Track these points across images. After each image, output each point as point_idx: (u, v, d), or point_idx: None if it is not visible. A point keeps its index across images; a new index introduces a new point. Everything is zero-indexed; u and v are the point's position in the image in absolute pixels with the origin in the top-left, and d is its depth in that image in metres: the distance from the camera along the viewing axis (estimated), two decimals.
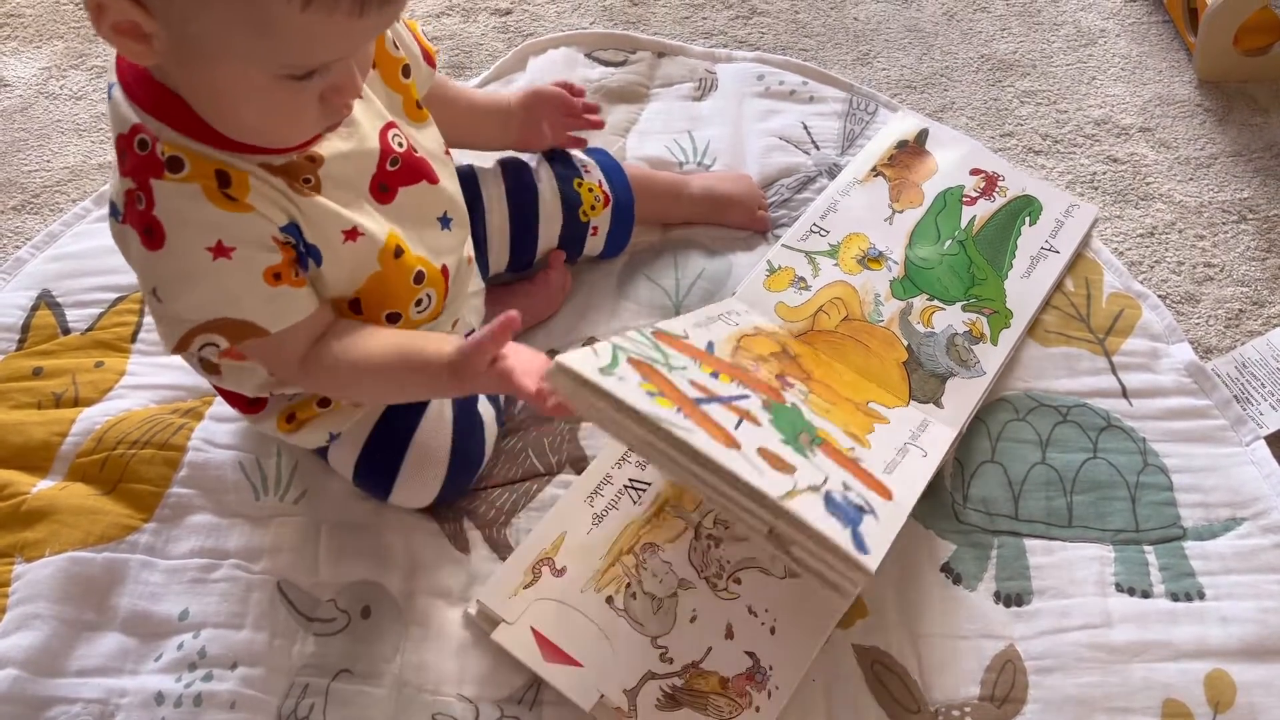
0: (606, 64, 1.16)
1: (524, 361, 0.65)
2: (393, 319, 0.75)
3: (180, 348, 0.66)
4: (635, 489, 0.84)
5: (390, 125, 0.72)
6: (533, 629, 0.77)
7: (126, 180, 0.62)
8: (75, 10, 1.26)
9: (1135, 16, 1.24)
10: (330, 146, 0.67)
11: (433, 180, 0.75)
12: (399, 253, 0.72)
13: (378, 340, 0.71)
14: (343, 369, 0.69)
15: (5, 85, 1.18)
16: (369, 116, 0.70)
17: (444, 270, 0.78)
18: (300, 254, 0.67)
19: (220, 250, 0.62)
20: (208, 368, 0.75)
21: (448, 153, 0.79)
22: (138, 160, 0.62)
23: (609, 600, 0.78)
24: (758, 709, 0.75)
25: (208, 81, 0.59)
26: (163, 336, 0.67)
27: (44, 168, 1.10)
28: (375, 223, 0.70)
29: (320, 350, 0.69)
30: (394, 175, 0.72)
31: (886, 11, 1.26)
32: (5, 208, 1.07)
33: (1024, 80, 1.18)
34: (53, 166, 1.10)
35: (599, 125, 0.95)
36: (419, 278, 0.74)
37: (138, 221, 0.62)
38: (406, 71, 0.75)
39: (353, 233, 0.69)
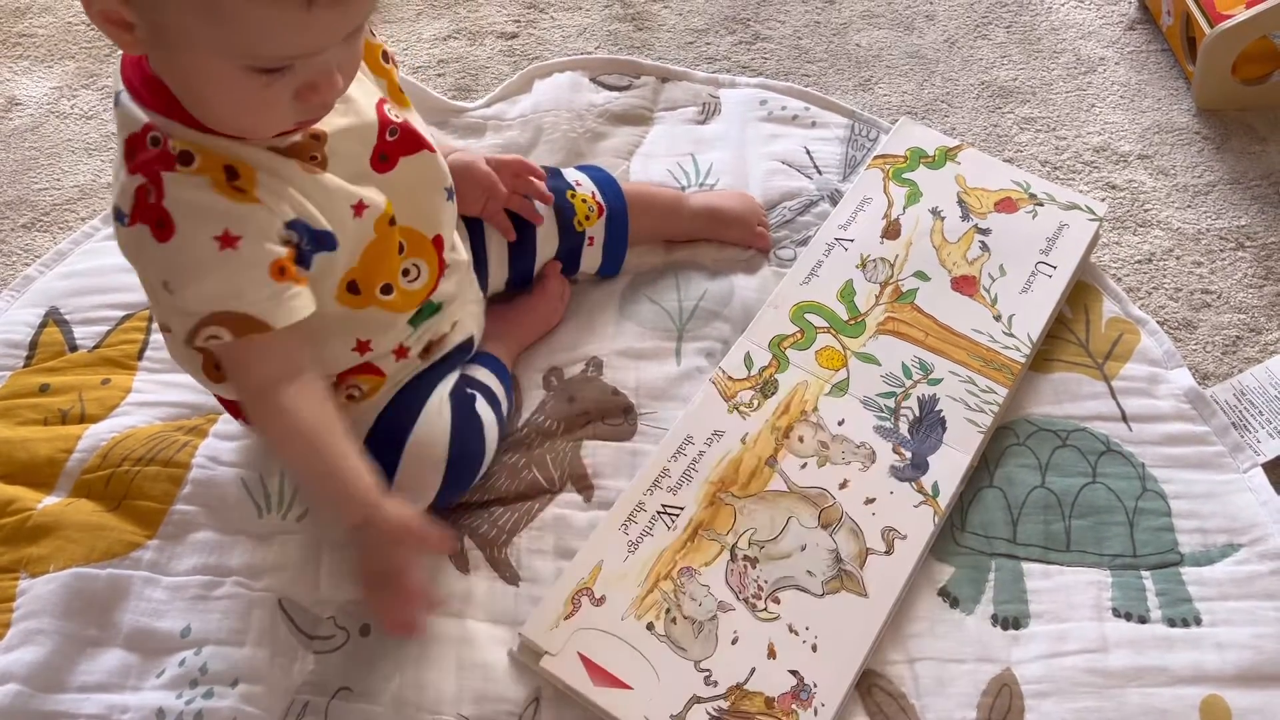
0: (611, 88, 1.17)
1: (399, 604, 0.73)
2: (386, 291, 0.76)
3: (189, 340, 0.67)
4: (668, 514, 0.84)
5: (383, 100, 0.74)
6: (580, 654, 0.77)
7: (136, 177, 0.63)
8: (87, 30, 1.28)
9: (1134, 45, 1.26)
10: (330, 123, 0.69)
11: (431, 149, 0.77)
12: (392, 221, 0.74)
13: (338, 428, 0.72)
14: (299, 422, 0.70)
15: (17, 104, 1.20)
16: (362, 92, 0.72)
17: (437, 241, 0.79)
18: (304, 252, 0.68)
19: (227, 240, 0.63)
20: (210, 375, 0.75)
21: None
22: (149, 155, 0.63)
23: (650, 627, 0.79)
24: (813, 713, 0.75)
25: (182, 71, 0.61)
26: (175, 332, 0.67)
27: (54, 186, 1.12)
28: (376, 193, 0.72)
29: (289, 392, 0.70)
30: (394, 145, 0.74)
31: (888, 38, 1.27)
32: (15, 225, 1.08)
33: (1024, 107, 1.19)
34: (63, 185, 1.12)
35: (535, 213, 0.92)
36: (400, 248, 0.76)
37: (149, 215, 0.63)
38: (386, 57, 0.76)
39: (359, 206, 0.71)
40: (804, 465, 0.87)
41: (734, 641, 0.78)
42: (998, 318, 0.95)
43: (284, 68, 0.60)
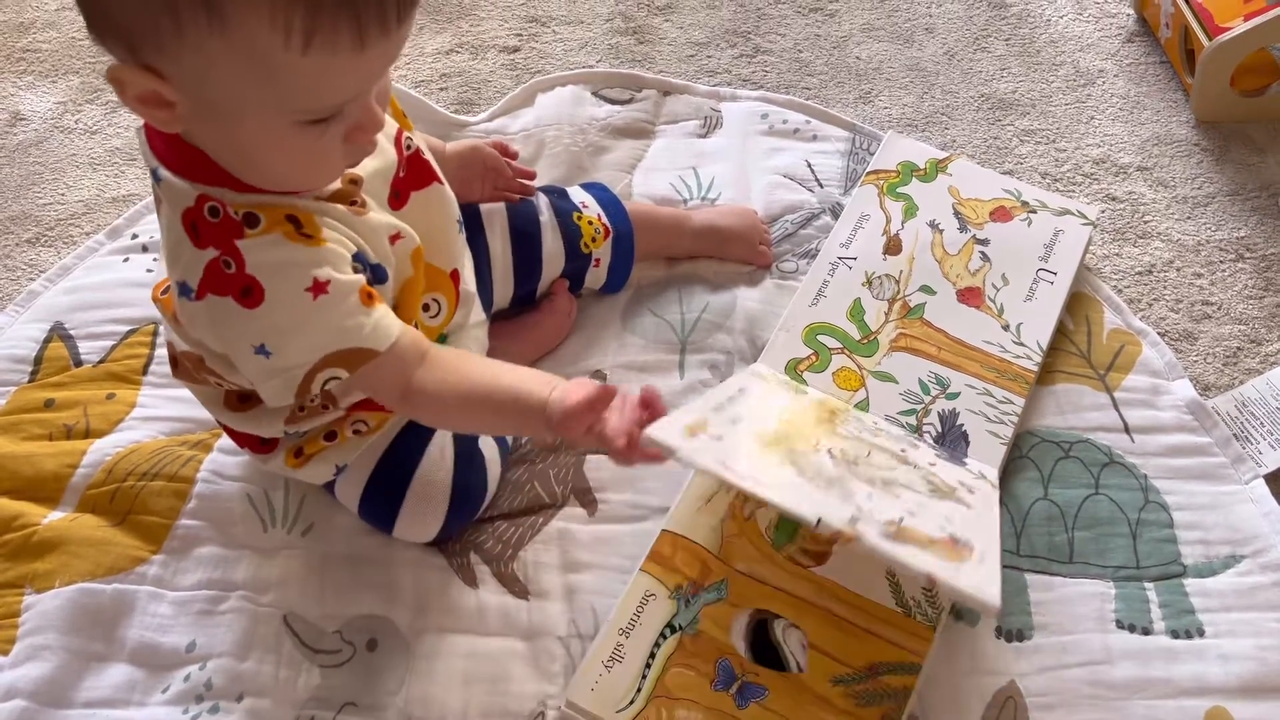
0: (613, 102, 1.18)
1: (620, 421, 0.67)
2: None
3: (302, 393, 0.67)
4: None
5: (400, 130, 0.74)
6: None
7: (207, 251, 0.63)
8: (91, 46, 1.28)
9: (1133, 57, 1.26)
10: (365, 166, 0.69)
11: (440, 181, 0.77)
12: (422, 256, 0.74)
13: (480, 371, 0.73)
14: (448, 397, 0.71)
15: (21, 119, 1.20)
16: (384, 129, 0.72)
17: (454, 275, 0.80)
18: (369, 280, 0.69)
19: (317, 287, 0.64)
20: (233, 407, 0.76)
21: None
22: (214, 228, 0.63)
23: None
24: (979, 559, 0.71)
25: (232, 138, 0.61)
26: (278, 390, 0.67)
27: (58, 201, 1.12)
28: (406, 226, 0.73)
29: (424, 379, 0.70)
30: (404, 181, 0.74)
31: (888, 51, 1.28)
32: (20, 240, 1.09)
33: (1024, 119, 1.20)
34: (67, 200, 1.12)
35: (530, 191, 0.95)
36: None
37: (231, 286, 0.63)
38: None
39: (396, 235, 0.71)
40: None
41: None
42: (1006, 327, 0.96)
43: (333, 116, 0.60)
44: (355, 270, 0.67)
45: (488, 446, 0.85)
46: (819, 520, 0.67)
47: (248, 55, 0.54)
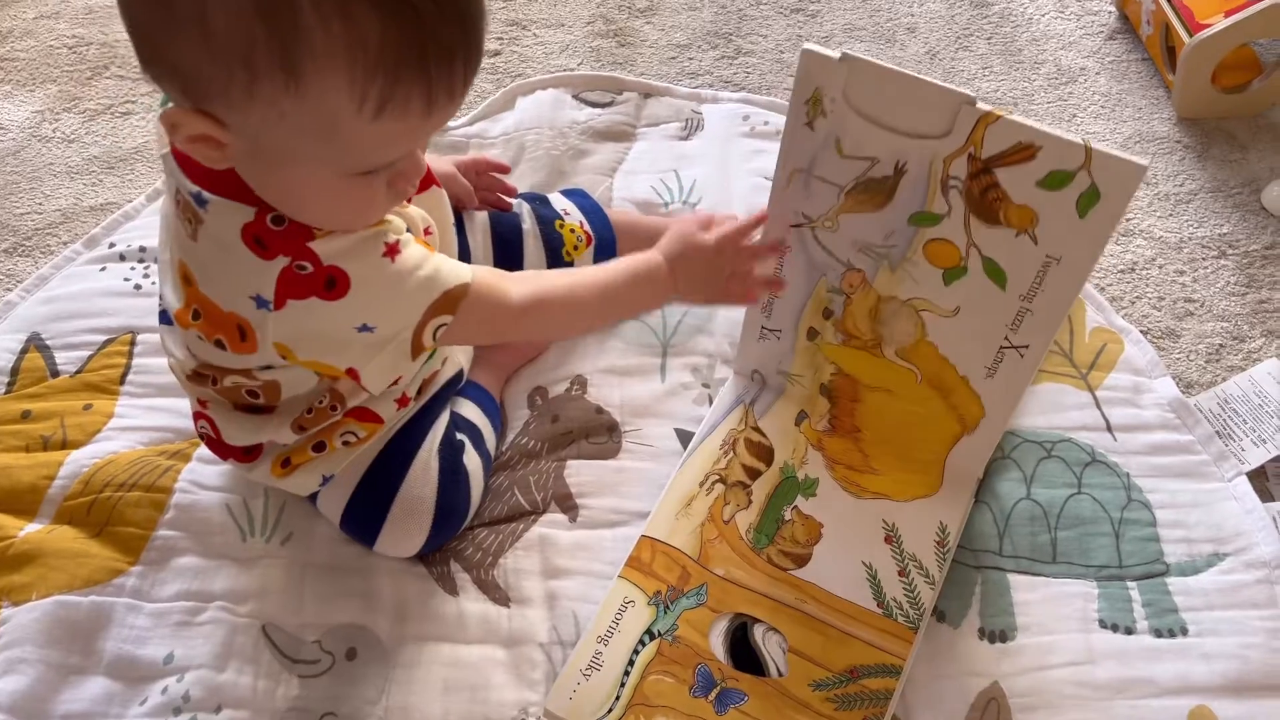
0: (593, 105, 1.18)
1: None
2: None
3: (418, 349, 0.69)
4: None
5: None
6: None
7: (277, 260, 0.63)
8: (68, 54, 1.28)
9: (1114, 55, 1.26)
10: None
11: (438, 184, 0.78)
12: None
13: (564, 270, 0.78)
14: (567, 292, 0.76)
15: None
16: None
17: None
18: None
19: (391, 250, 0.66)
20: (243, 410, 0.76)
21: None
22: (281, 235, 0.63)
23: None
24: None
25: (279, 182, 0.62)
26: (389, 361, 0.69)
27: (35, 210, 1.12)
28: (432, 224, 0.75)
29: (529, 287, 0.74)
30: None
31: (870, 51, 1.28)
32: None
33: None
34: (44, 209, 1.12)
35: (505, 206, 0.96)
36: None
37: (313, 285, 0.64)
38: None
39: (428, 229, 0.73)
40: None
41: None
42: None
43: (383, 166, 0.61)
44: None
45: (471, 462, 0.85)
46: (976, 97, 0.72)
47: (316, 115, 0.56)
